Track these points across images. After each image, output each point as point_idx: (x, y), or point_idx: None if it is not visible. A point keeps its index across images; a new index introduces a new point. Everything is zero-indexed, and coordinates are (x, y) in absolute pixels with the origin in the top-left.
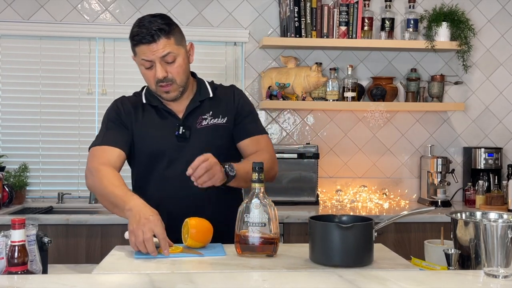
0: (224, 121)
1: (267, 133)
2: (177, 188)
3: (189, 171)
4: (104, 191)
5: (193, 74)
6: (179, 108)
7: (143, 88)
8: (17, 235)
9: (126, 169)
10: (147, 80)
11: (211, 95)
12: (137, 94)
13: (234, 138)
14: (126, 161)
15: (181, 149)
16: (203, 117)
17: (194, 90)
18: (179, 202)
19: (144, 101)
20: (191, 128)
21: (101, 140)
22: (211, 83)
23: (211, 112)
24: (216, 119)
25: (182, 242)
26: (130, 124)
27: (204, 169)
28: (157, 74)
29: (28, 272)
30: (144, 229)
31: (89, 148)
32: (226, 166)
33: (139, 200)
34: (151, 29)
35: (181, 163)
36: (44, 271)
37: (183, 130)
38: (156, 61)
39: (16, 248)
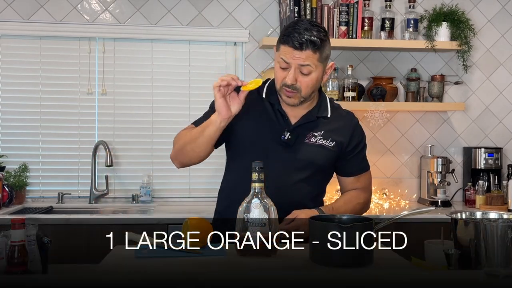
0: (332, 145)
1: (369, 168)
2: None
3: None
4: (189, 138)
5: (318, 90)
6: (294, 114)
7: (266, 80)
8: (17, 235)
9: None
10: (276, 77)
11: (329, 115)
12: (260, 86)
13: (337, 168)
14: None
15: (281, 154)
16: (313, 133)
17: (314, 104)
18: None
19: (264, 95)
20: (298, 138)
21: (196, 120)
22: (331, 102)
23: (322, 132)
24: (325, 141)
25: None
26: (238, 115)
27: (292, 229)
28: (287, 78)
29: (28, 272)
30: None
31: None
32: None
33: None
34: (304, 36)
35: (276, 166)
36: (44, 271)
37: (289, 137)
38: (293, 67)
39: (16, 248)
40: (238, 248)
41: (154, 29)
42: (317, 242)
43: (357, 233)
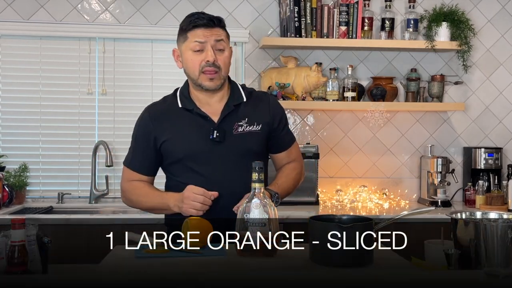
0: (259, 128)
1: (295, 139)
2: (210, 190)
3: (234, 209)
4: (141, 205)
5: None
6: (214, 112)
7: (175, 91)
8: (17, 235)
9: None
10: (191, 67)
11: (244, 99)
12: (168, 99)
13: (269, 147)
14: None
15: (216, 153)
16: (239, 123)
17: (228, 94)
18: (212, 203)
19: (180, 105)
20: (226, 132)
21: (129, 161)
22: (244, 87)
23: (246, 119)
24: (252, 127)
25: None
26: (160, 133)
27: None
28: (207, 56)
29: (28, 272)
30: (190, 203)
31: (123, 163)
32: (273, 199)
33: (172, 195)
34: (211, 16)
35: (216, 166)
36: (44, 271)
37: (217, 134)
38: (209, 44)
39: (16, 248)
40: (238, 248)
41: (154, 29)
42: (317, 242)
43: (357, 233)
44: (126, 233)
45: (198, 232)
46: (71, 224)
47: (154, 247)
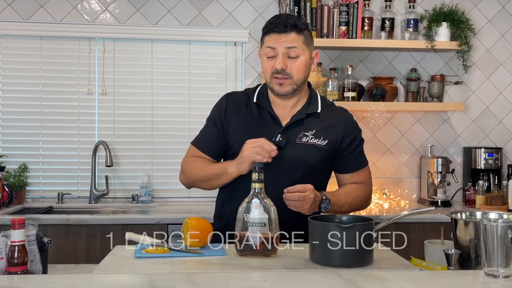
0: (324, 143)
1: (368, 163)
2: None
3: (285, 191)
4: (198, 173)
5: (308, 85)
6: (285, 116)
7: (257, 86)
8: (17, 235)
9: None
10: (265, 72)
11: (319, 110)
12: (249, 92)
13: (334, 165)
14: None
15: (274, 157)
16: (305, 133)
17: (304, 101)
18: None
19: (254, 100)
20: (289, 139)
21: (198, 141)
22: (323, 99)
23: (314, 131)
24: (317, 140)
25: None
26: (230, 120)
27: (297, 197)
28: (276, 64)
29: (28, 272)
30: (253, 149)
31: (191, 142)
32: (323, 203)
33: (229, 163)
34: (286, 21)
35: (269, 169)
36: (44, 271)
37: (280, 139)
38: (280, 52)
39: (16, 248)
40: (238, 248)
41: (154, 29)
42: (317, 242)
43: (357, 233)
44: (126, 233)
45: (198, 232)
46: (71, 224)
47: (154, 247)
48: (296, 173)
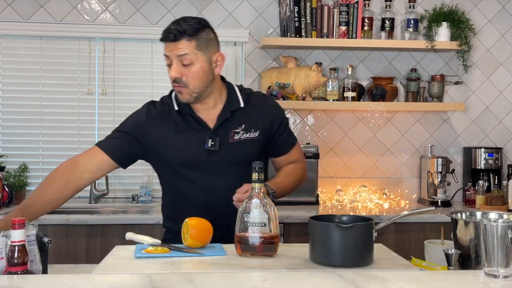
0: (257, 135)
1: (296, 141)
2: (205, 199)
3: (234, 198)
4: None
5: (223, 79)
6: (210, 118)
7: (170, 92)
8: (17, 235)
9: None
10: (169, 77)
11: (241, 105)
12: (166, 100)
13: (268, 152)
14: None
15: (211, 161)
16: (235, 130)
17: (224, 99)
18: (206, 213)
19: (176, 108)
20: (221, 141)
21: (106, 144)
22: (242, 90)
23: (243, 126)
24: (249, 134)
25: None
26: (154, 132)
27: (243, 198)
28: (171, 72)
29: (28, 272)
30: None
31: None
32: (270, 195)
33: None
34: (175, 28)
35: (212, 175)
36: (44, 271)
37: (212, 143)
38: (173, 60)
39: (16, 248)
40: (238, 248)
41: (154, 29)
42: (317, 242)
43: (357, 233)
44: (127, 233)
45: (198, 232)
46: (71, 224)
47: (154, 247)
48: (239, 170)
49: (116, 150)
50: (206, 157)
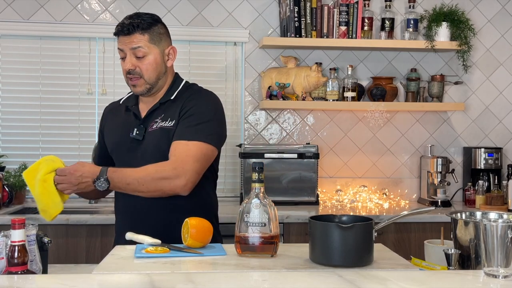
0: (172, 124)
1: (201, 141)
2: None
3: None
4: None
5: (177, 76)
6: (144, 110)
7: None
8: (17, 235)
9: None
10: (122, 72)
11: (172, 97)
12: (124, 98)
13: None
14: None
15: (134, 150)
16: (155, 120)
17: (163, 93)
18: (131, 201)
19: (121, 102)
20: (146, 130)
21: (93, 154)
22: (188, 86)
23: (162, 115)
24: (164, 122)
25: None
26: (105, 127)
27: (57, 181)
28: (125, 64)
29: (28, 272)
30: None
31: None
32: (96, 182)
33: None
34: (128, 22)
35: (134, 163)
36: (44, 271)
37: (137, 132)
38: (127, 52)
39: (16, 248)
40: (238, 248)
41: None
42: (317, 242)
43: (357, 233)
44: (127, 233)
45: (198, 232)
46: (71, 224)
47: (154, 247)
48: (152, 160)
49: (98, 157)
50: (130, 146)
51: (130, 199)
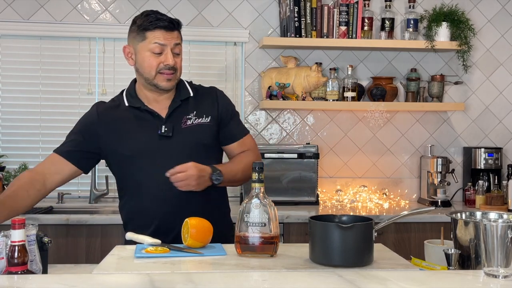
0: (208, 120)
1: (249, 132)
2: (162, 186)
3: (167, 174)
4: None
5: None
6: (161, 108)
7: (121, 92)
8: (17, 235)
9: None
10: (148, 67)
11: (191, 94)
12: (116, 99)
13: (220, 140)
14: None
15: (165, 148)
16: (187, 117)
17: (174, 91)
18: (164, 201)
19: (127, 104)
20: (174, 127)
21: (61, 148)
22: (190, 83)
23: (195, 112)
24: (201, 119)
25: (178, 241)
26: (105, 131)
27: (180, 178)
28: (167, 60)
29: (28, 272)
30: None
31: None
32: (213, 175)
33: None
34: (171, 18)
35: (165, 161)
36: (44, 271)
37: (166, 129)
38: (169, 48)
39: (16, 248)
40: (238, 248)
41: None
42: (317, 242)
43: (357, 233)
44: (127, 233)
45: (198, 232)
46: (71, 224)
47: (154, 247)
48: (193, 155)
49: (71, 151)
50: (160, 144)
51: (167, 193)
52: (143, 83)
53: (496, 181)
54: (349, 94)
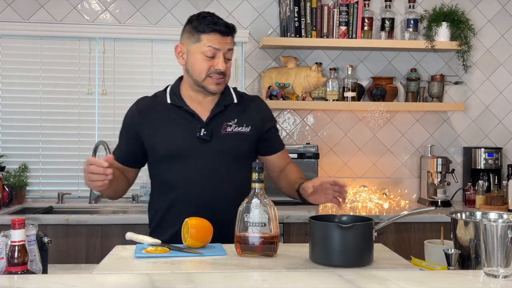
0: (248, 130)
1: (284, 146)
2: (194, 189)
3: (343, 186)
4: None
5: None
6: (203, 111)
7: (166, 88)
8: (17, 235)
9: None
10: (199, 69)
11: (235, 101)
12: (160, 94)
13: (259, 150)
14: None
15: (202, 151)
16: (228, 123)
17: (219, 95)
18: (196, 202)
19: (169, 101)
20: (214, 132)
21: (118, 153)
22: (235, 89)
23: (236, 120)
24: (241, 128)
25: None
26: (145, 127)
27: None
28: (219, 65)
29: (28, 272)
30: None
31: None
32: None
33: None
34: (226, 23)
35: (201, 164)
36: (44, 271)
37: (205, 132)
38: (222, 52)
39: (16, 248)
40: (238, 248)
41: (154, 29)
42: (317, 242)
43: (357, 233)
44: (127, 233)
45: (198, 232)
46: (71, 224)
47: (154, 247)
48: (229, 163)
49: (123, 157)
50: (199, 146)
51: (196, 195)
52: (190, 83)
53: (496, 181)
54: (349, 94)
